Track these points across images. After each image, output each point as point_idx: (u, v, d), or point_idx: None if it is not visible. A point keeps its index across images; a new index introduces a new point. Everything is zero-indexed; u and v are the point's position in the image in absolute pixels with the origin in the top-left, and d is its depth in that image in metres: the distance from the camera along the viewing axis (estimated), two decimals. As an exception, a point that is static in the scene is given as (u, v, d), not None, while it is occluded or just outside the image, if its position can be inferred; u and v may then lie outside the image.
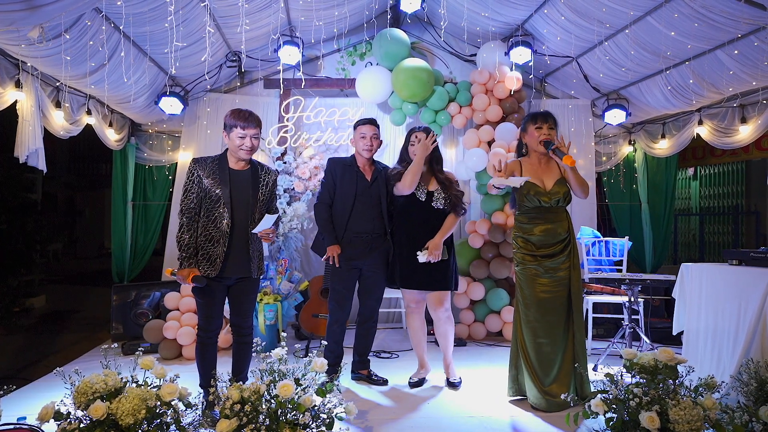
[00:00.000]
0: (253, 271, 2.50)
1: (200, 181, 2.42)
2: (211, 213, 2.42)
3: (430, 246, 2.89)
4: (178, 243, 2.40)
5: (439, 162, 3.07)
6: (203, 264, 2.40)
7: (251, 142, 2.44)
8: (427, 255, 2.87)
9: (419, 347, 3.13)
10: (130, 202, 4.97)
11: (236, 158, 2.49)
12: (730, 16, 3.12)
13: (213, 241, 2.41)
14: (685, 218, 7.87)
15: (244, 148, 2.43)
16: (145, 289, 4.33)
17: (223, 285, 2.50)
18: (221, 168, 2.45)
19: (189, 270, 2.36)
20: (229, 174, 2.46)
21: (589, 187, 2.80)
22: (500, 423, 2.56)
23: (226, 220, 2.41)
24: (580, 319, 2.74)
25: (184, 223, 2.41)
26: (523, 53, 4.35)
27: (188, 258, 2.38)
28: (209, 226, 2.42)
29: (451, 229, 2.99)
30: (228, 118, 2.45)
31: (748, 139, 4.02)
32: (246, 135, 2.42)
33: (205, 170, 2.43)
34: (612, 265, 4.37)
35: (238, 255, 2.45)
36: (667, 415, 1.93)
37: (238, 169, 2.50)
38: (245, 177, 2.50)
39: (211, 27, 3.78)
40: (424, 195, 2.98)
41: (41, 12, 2.43)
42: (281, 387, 1.96)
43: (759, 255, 2.63)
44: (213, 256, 2.40)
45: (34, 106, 3.16)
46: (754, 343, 2.41)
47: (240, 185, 2.47)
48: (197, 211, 2.43)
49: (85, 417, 1.87)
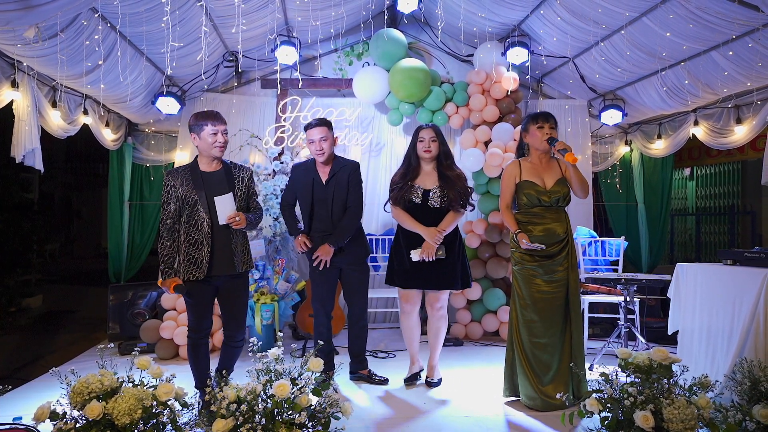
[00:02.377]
0: (237, 266, 2.53)
1: (175, 190, 2.48)
2: (191, 218, 2.48)
3: (423, 244, 2.90)
4: (159, 254, 2.49)
5: (447, 157, 3.05)
6: (189, 268, 2.45)
7: (223, 138, 2.50)
8: (420, 254, 2.88)
9: (412, 345, 3.15)
10: (127, 202, 4.96)
11: (209, 158, 2.54)
12: (725, 18, 3.14)
13: (197, 244, 2.47)
14: (682, 218, 7.89)
15: (217, 145, 2.49)
16: (141, 289, 4.33)
17: (212, 285, 2.54)
18: (194, 173, 2.52)
19: (170, 280, 2.44)
20: (202, 177, 2.52)
21: (589, 186, 2.82)
22: (496, 422, 2.57)
23: (206, 222, 2.47)
24: (578, 319, 2.75)
25: (164, 235, 2.50)
26: (519, 54, 4.36)
27: (168, 269, 2.46)
28: (191, 230, 2.48)
29: (451, 226, 2.95)
30: (193, 120, 2.51)
31: (743, 139, 4.04)
32: (217, 131, 2.48)
33: (178, 179, 2.50)
34: (608, 265, 4.38)
35: (222, 253, 2.50)
36: (661, 414, 1.94)
37: (211, 171, 2.56)
38: (219, 177, 2.55)
39: (207, 27, 3.78)
40: (420, 197, 2.98)
41: (37, 12, 2.42)
42: (277, 387, 1.96)
43: (753, 255, 2.64)
44: (198, 259, 2.46)
45: (30, 105, 3.15)
46: (747, 343, 2.42)
47: (215, 186, 2.52)
48: (176, 220, 2.50)
49: (81, 417, 1.87)
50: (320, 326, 3.08)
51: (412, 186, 2.98)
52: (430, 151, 2.98)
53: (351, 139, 4.91)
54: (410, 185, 2.98)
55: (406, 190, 2.97)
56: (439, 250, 2.90)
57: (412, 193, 2.97)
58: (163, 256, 2.48)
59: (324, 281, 3.05)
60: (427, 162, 3.03)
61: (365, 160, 4.95)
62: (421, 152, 3.00)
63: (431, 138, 2.99)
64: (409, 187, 2.98)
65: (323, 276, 3.04)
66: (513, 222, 2.77)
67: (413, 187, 2.98)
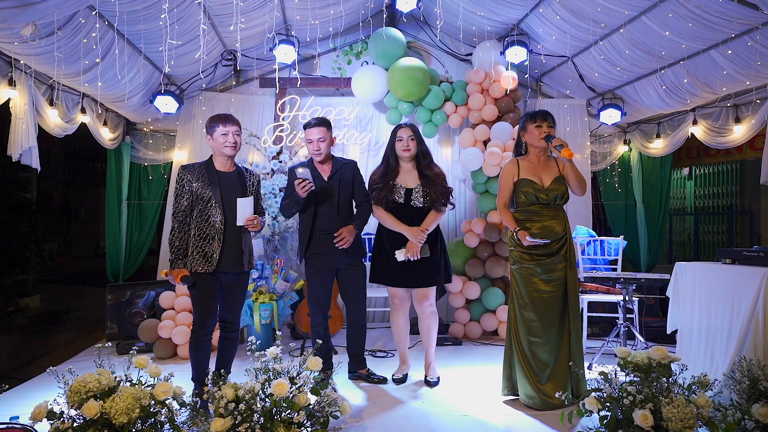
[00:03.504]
0: (244, 265, 2.65)
1: (190, 185, 2.57)
2: (204, 213, 2.56)
3: (407, 244, 2.91)
4: (170, 245, 2.56)
5: (426, 157, 3.06)
6: (199, 261, 2.53)
7: (234, 138, 2.60)
8: (405, 253, 2.89)
9: (402, 344, 3.16)
10: (125, 201, 4.95)
11: (223, 157, 2.64)
12: (724, 16, 3.14)
13: (208, 238, 2.55)
14: (681, 218, 7.90)
15: (228, 144, 2.59)
16: (140, 288, 4.32)
17: (218, 280, 2.60)
18: (209, 171, 2.61)
19: (178, 270, 2.51)
20: (217, 176, 2.62)
21: (586, 183, 2.83)
22: (494, 422, 2.56)
23: (219, 218, 2.56)
24: (577, 318, 2.75)
25: (175, 227, 2.56)
26: (518, 53, 4.36)
27: (177, 259, 2.53)
28: (203, 225, 2.56)
29: (433, 225, 2.97)
30: (208, 122, 2.63)
31: (741, 138, 4.04)
32: (228, 132, 2.58)
33: (194, 174, 2.59)
34: (607, 264, 4.38)
35: (232, 250, 2.59)
36: (660, 413, 1.94)
37: (225, 171, 2.66)
38: (233, 178, 2.66)
39: (205, 25, 3.77)
40: (403, 197, 2.98)
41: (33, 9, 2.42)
42: (276, 386, 1.96)
43: (752, 254, 2.64)
44: (209, 253, 2.54)
45: (27, 104, 3.14)
46: (746, 342, 2.42)
47: (229, 185, 2.62)
48: (188, 214, 2.57)
49: (78, 416, 1.87)
50: (317, 326, 3.08)
51: (394, 185, 2.99)
52: (410, 150, 3.00)
53: (350, 138, 4.90)
54: (392, 184, 3.00)
55: (388, 190, 2.98)
56: (423, 249, 2.91)
57: (395, 193, 2.98)
58: (173, 247, 2.54)
59: (320, 281, 3.04)
60: (406, 161, 3.04)
61: (364, 159, 4.94)
62: (400, 151, 3.01)
63: (409, 137, 3.00)
64: (391, 187, 2.99)
65: (319, 276, 3.04)
66: (512, 220, 2.77)
67: (395, 186, 2.99)
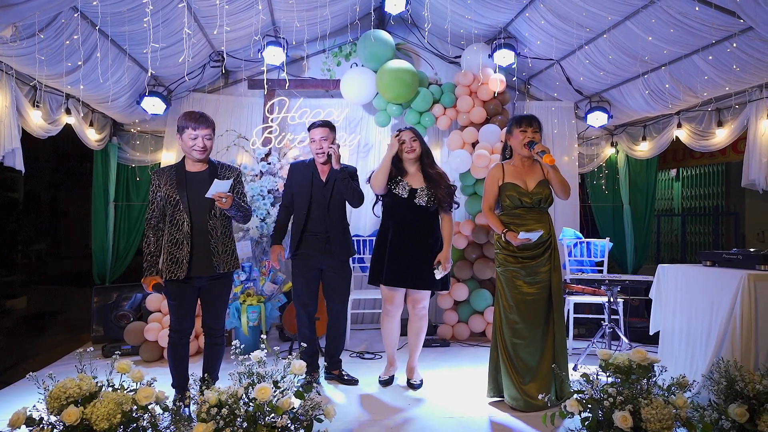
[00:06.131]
0: (216, 266, 2.49)
1: (159, 190, 2.49)
2: (174, 217, 2.48)
3: (441, 260, 2.94)
4: (143, 253, 2.50)
5: (428, 156, 3.08)
6: (171, 267, 2.45)
7: (203, 142, 2.47)
8: (442, 269, 2.93)
9: (392, 347, 3.18)
10: (113, 203, 4.91)
11: (192, 160, 2.53)
12: (705, 23, 3.19)
13: (178, 244, 2.46)
14: (668, 219, 7.99)
15: (196, 149, 2.47)
16: (126, 290, 4.29)
17: (194, 286, 2.52)
18: (178, 173, 2.51)
19: (151, 278, 2.45)
20: (185, 177, 2.50)
21: (570, 188, 2.86)
22: (479, 423, 2.58)
23: (186, 222, 2.46)
24: (561, 320, 2.78)
25: (148, 233, 2.51)
26: (506, 56, 4.39)
27: (150, 267, 2.47)
28: (173, 230, 2.48)
29: (452, 232, 3.05)
30: (180, 120, 2.49)
31: (724, 142, 4.10)
32: (198, 135, 2.45)
33: (163, 178, 2.50)
34: (594, 266, 4.43)
35: (201, 254, 2.48)
36: (639, 414, 1.97)
37: (196, 171, 2.53)
38: (203, 178, 2.50)
39: (192, 27, 3.75)
40: (407, 193, 2.99)
41: (14, 11, 2.39)
42: (259, 390, 1.96)
43: (731, 256, 2.69)
44: (179, 259, 2.45)
45: (9, 105, 3.11)
46: (725, 343, 2.46)
47: (197, 187, 2.48)
48: (160, 220, 2.51)
49: (58, 422, 1.85)
50: (302, 327, 3.08)
51: (400, 181, 3.01)
52: (414, 151, 3.00)
53: (339, 140, 4.89)
54: (398, 180, 3.01)
55: (394, 183, 3.01)
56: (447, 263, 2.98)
57: (399, 187, 3.00)
58: (145, 254, 2.49)
59: (304, 282, 3.06)
60: (411, 163, 3.05)
61: (353, 162, 4.93)
62: (404, 153, 3.01)
63: (412, 138, 3.01)
64: (398, 182, 3.00)
65: (303, 277, 3.05)
66: (498, 223, 2.79)
67: (400, 182, 3.01)
